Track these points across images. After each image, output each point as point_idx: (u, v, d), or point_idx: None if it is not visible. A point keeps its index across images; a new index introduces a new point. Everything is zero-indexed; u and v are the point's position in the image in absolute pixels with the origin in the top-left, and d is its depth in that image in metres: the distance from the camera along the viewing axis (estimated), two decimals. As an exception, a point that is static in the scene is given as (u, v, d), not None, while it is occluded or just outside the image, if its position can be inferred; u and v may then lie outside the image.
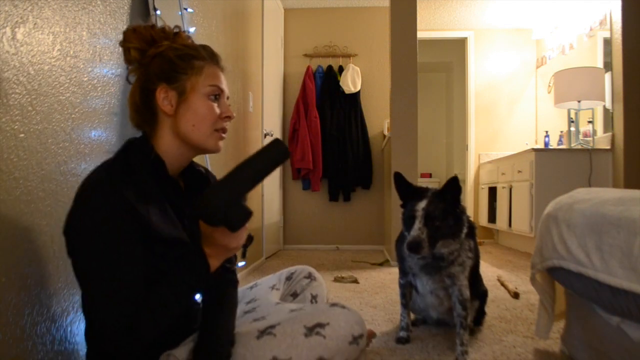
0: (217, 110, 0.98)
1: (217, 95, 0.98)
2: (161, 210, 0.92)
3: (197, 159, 1.17)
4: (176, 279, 0.88)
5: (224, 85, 1.01)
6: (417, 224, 1.42)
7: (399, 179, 1.56)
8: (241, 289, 1.32)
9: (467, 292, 1.57)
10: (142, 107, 0.98)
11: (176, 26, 1.04)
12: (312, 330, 0.96)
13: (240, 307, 1.21)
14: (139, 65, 0.98)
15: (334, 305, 1.04)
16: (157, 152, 0.97)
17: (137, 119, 1.00)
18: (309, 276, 1.37)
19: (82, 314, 1.20)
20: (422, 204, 1.44)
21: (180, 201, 0.99)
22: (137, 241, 0.86)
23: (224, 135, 1.02)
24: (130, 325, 0.83)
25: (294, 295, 1.36)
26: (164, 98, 0.95)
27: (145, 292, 0.86)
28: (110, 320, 0.82)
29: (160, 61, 0.96)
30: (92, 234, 0.83)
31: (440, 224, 1.43)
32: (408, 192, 1.55)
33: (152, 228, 0.88)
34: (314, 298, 1.34)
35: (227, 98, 1.03)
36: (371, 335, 1.63)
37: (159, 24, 1.65)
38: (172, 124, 0.97)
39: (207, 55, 0.99)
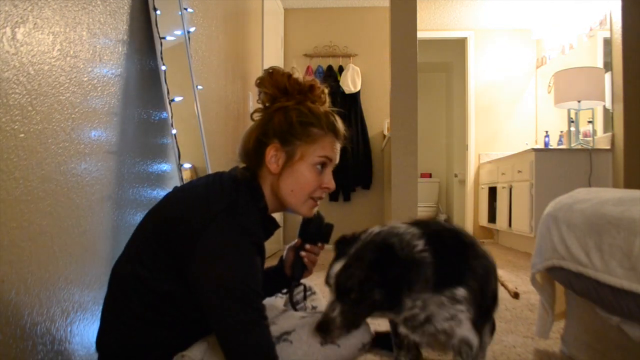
0: (319, 181, 1.01)
1: (324, 164, 1.01)
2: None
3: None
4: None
5: (336, 156, 1.04)
6: (330, 297, 1.00)
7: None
8: None
9: (474, 341, 1.07)
10: (252, 153, 1.01)
11: (313, 79, 1.05)
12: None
13: None
14: (264, 111, 1.03)
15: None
16: None
17: (245, 160, 1.05)
18: (309, 289, 1.37)
19: (81, 314, 1.20)
20: (337, 267, 1.00)
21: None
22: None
23: (318, 203, 1.05)
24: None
25: (296, 303, 1.33)
26: (273, 156, 0.98)
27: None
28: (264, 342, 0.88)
29: (281, 118, 0.98)
30: (238, 280, 0.86)
31: (358, 297, 0.97)
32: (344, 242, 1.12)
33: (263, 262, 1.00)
34: (314, 309, 1.33)
35: (334, 166, 1.06)
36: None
37: (159, 23, 1.65)
38: (273, 181, 1.00)
39: (327, 126, 1.00)
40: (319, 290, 1.41)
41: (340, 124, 1.04)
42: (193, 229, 0.88)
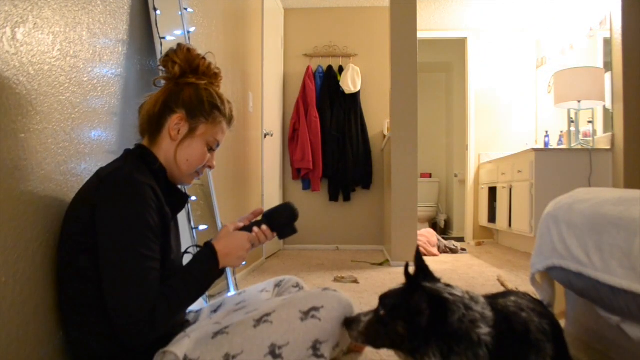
0: (207, 159, 1.12)
1: (213, 148, 1.12)
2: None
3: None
4: (190, 274, 0.98)
5: (223, 141, 1.15)
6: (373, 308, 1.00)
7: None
8: (229, 296, 1.37)
9: None
10: (155, 117, 1.07)
11: (217, 68, 1.15)
12: (308, 314, 0.99)
13: (229, 307, 1.23)
14: (174, 82, 1.09)
15: (325, 289, 1.08)
16: None
17: (145, 125, 1.10)
18: (297, 285, 1.38)
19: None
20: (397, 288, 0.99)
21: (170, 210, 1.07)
22: (157, 233, 0.95)
23: (199, 176, 1.16)
24: (152, 310, 0.87)
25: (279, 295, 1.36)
26: (177, 124, 1.06)
27: (161, 284, 0.93)
28: (134, 304, 0.87)
29: (193, 93, 1.07)
30: (129, 218, 0.90)
31: (383, 320, 0.94)
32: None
33: (168, 223, 1.00)
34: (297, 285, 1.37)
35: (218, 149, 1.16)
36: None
37: (159, 23, 1.65)
38: (169, 148, 1.07)
39: (227, 115, 1.12)
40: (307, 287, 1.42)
41: (235, 113, 1.17)
42: (89, 194, 0.97)
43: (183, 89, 1.07)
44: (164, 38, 1.69)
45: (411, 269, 0.99)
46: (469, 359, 0.85)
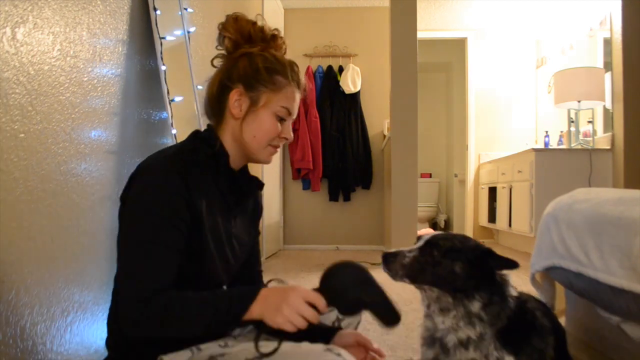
0: (279, 130, 0.99)
1: (284, 117, 0.99)
2: (211, 206, 0.94)
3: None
4: (213, 296, 0.85)
5: (295, 108, 1.01)
6: (415, 246, 1.00)
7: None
8: None
9: None
10: (215, 99, 1.00)
11: (275, 29, 1.05)
12: (331, 350, 0.85)
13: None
14: (227, 57, 1.00)
15: (328, 350, 0.90)
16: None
17: (208, 109, 1.03)
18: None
19: (81, 314, 1.20)
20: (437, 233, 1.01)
21: (230, 198, 1.00)
22: (181, 228, 0.87)
23: (276, 150, 1.03)
24: (146, 300, 0.80)
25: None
26: (236, 100, 0.97)
27: (173, 287, 0.84)
28: (131, 288, 0.82)
29: (246, 63, 0.97)
30: (145, 205, 0.86)
31: (435, 259, 0.95)
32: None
33: (200, 219, 0.90)
34: (338, 321, 1.19)
35: (293, 119, 1.04)
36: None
37: (159, 23, 1.65)
38: (235, 127, 0.98)
39: (291, 76, 0.99)
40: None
41: (302, 76, 1.04)
42: (130, 180, 0.93)
43: (237, 62, 0.98)
44: (164, 38, 1.69)
45: None
46: (500, 310, 0.94)
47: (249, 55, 0.98)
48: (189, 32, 1.96)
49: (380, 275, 0.97)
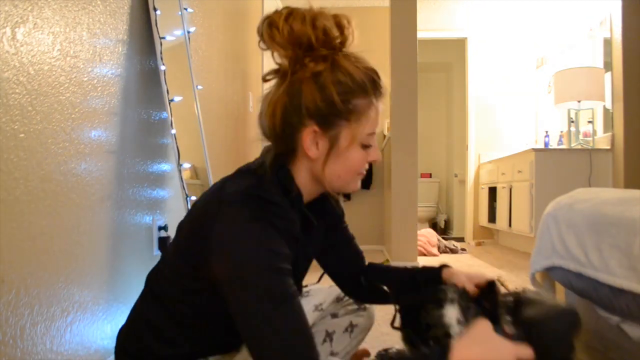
0: (367, 157, 0.83)
1: (371, 143, 0.83)
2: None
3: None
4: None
5: (378, 123, 0.84)
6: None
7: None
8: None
9: None
10: (281, 135, 0.80)
11: (337, 15, 0.86)
12: None
13: None
14: (286, 79, 0.79)
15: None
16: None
17: (272, 139, 0.84)
18: (362, 307, 1.21)
19: (81, 314, 1.20)
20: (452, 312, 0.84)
21: (305, 238, 0.86)
22: (289, 268, 0.73)
23: (364, 174, 0.87)
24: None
25: (334, 315, 1.21)
26: (312, 141, 0.78)
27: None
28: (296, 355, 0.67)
29: (315, 93, 0.76)
30: (251, 268, 0.69)
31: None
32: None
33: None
34: (351, 327, 1.18)
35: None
36: (364, 354, 1.51)
37: (159, 23, 1.65)
38: (312, 167, 0.82)
39: (372, 90, 0.81)
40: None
41: (382, 79, 0.86)
42: (207, 216, 0.75)
43: (302, 89, 0.76)
44: (164, 38, 1.69)
45: None
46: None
47: (315, 80, 0.76)
48: (189, 32, 1.96)
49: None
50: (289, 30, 0.76)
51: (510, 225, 4.23)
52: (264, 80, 0.87)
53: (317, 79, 0.77)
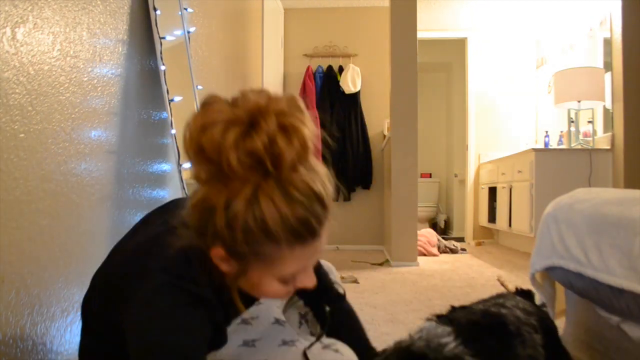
0: (289, 290, 0.72)
1: (292, 278, 0.70)
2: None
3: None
4: None
5: (317, 254, 0.70)
6: None
7: None
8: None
9: None
10: (198, 236, 0.65)
11: (287, 121, 0.62)
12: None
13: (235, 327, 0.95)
14: (195, 202, 0.64)
15: (284, 344, 0.86)
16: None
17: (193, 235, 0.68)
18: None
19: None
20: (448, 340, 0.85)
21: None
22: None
23: (293, 293, 0.75)
24: None
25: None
26: (221, 260, 0.66)
27: None
28: None
29: (222, 221, 0.60)
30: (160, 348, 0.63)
31: None
32: None
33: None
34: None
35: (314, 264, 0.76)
36: None
37: (159, 23, 1.65)
38: (229, 278, 0.70)
39: (295, 238, 0.62)
40: None
41: (327, 209, 0.67)
42: (129, 286, 0.69)
43: (214, 210, 0.60)
44: (164, 38, 1.69)
45: None
46: None
47: (227, 208, 0.60)
48: (189, 32, 1.96)
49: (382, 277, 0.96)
50: (197, 140, 0.60)
51: (510, 225, 4.23)
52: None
53: (228, 209, 0.60)
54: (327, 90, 4.68)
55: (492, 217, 4.80)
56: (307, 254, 0.67)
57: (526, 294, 1.10)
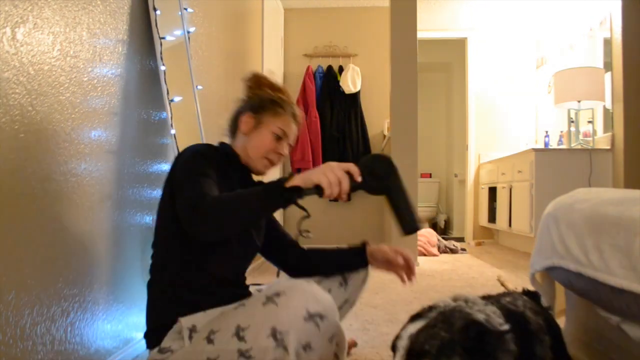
0: (275, 146, 1.26)
1: (280, 136, 1.26)
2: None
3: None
4: (256, 187, 1.04)
5: (291, 133, 1.29)
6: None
7: None
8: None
9: None
10: (232, 122, 1.32)
11: (280, 85, 1.37)
12: (270, 299, 0.99)
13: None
14: (245, 98, 1.34)
15: (299, 280, 1.10)
16: None
17: (227, 129, 1.34)
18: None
19: (81, 314, 1.20)
20: (413, 328, 0.85)
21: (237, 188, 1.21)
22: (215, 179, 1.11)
23: (271, 165, 1.29)
24: (202, 196, 1.00)
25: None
26: (245, 122, 1.27)
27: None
28: (188, 196, 1.01)
29: (256, 98, 1.30)
30: (194, 158, 1.12)
31: None
32: None
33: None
34: (344, 279, 1.42)
35: (290, 145, 1.31)
36: (352, 345, 1.59)
37: (159, 23, 1.65)
38: (243, 141, 1.28)
39: (288, 110, 1.29)
40: None
41: (299, 112, 1.33)
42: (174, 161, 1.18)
43: (250, 98, 1.32)
44: (163, 38, 1.69)
45: None
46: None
47: (259, 94, 1.31)
48: (189, 32, 1.96)
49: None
50: (253, 78, 1.36)
51: (510, 225, 4.23)
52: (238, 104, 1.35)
53: (259, 94, 1.31)
54: (327, 90, 4.68)
55: (492, 217, 4.80)
56: (291, 126, 1.29)
57: (532, 295, 1.11)
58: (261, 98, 1.29)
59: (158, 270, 1.15)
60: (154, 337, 1.09)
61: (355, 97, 4.69)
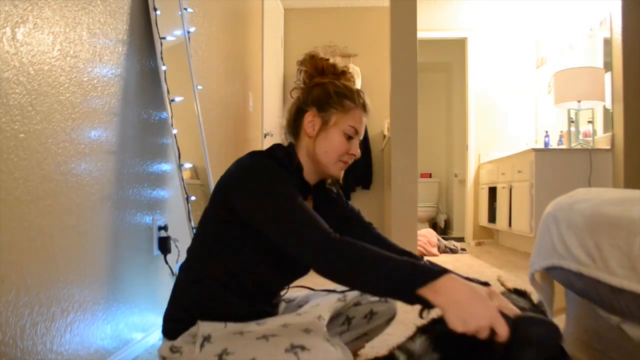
0: (348, 146, 1.12)
1: (352, 136, 1.12)
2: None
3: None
4: (394, 256, 0.89)
5: (362, 129, 1.14)
6: None
7: None
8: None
9: None
10: (292, 121, 1.15)
11: (345, 66, 1.21)
12: (294, 348, 0.93)
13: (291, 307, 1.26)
14: (304, 87, 1.16)
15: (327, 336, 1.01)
16: None
17: (287, 129, 1.17)
18: (383, 299, 1.33)
19: (81, 314, 1.20)
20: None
21: None
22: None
23: (346, 166, 1.17)
24: (329, 234, 0.92)
25: (357, 304, 1.32)
26: (310, 121, 1.11)
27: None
28: (309, 234, 0.92)
29: (320, 90, 1.12)
30: (271, 187, 0.99)
31: None
32: None
33: None
34: (371, 314, 1.31)
35: (360, 139, 1.17)
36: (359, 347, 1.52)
37: (159, 23, 1.65)
38: (309, 145, 1.12)
39: (358, 101, 1.13)
40: None
41: (368, 101, 1.16)
42: (232, 170, 1.09)
43: (312, 90, 1.13)
44: (164, 38, 1.69)
45: None
46: None
47: (322, 84, 1.13)
48: (189, 32, 1.96)
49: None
50: (311, 61, 1.16)
51: (510, 225, 4.23)
52: (290, 95, 1.19)
53: (323, 84, 1.13)
54: (327, 90, 4.68)
55: (492, 217, 4.80)
56: (362, 120, 1.13)
57: (521, 294, 1.12)
58: (326, 90, 1.11)
59: (194, 269, 1.09)
60: (172, 327, 1.06)
61: (355, 97, 4.69)
